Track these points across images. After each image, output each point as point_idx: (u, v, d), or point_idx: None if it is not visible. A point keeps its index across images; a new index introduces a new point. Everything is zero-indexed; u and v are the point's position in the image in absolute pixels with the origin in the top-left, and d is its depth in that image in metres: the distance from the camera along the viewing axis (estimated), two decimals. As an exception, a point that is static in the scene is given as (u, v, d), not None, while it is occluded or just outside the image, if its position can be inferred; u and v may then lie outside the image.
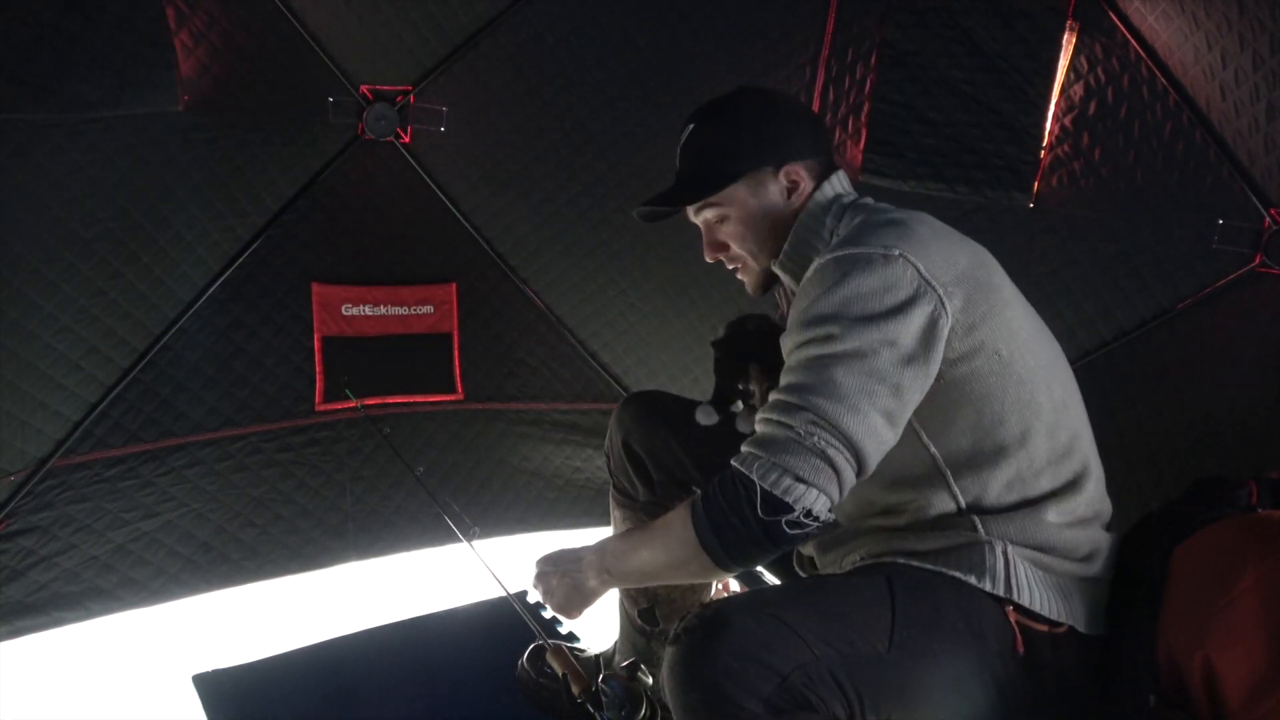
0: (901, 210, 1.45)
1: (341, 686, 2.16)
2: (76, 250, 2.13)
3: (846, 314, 1.27)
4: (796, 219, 1.52)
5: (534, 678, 1.99)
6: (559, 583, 1.51)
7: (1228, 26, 2.01)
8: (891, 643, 1.22)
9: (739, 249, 1.58)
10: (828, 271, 1.32)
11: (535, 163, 2.65)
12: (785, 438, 1.25)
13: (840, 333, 1.26)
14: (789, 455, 1.24)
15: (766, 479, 1.24)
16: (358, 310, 2.62)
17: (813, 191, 1.53)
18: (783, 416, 1.27)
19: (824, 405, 1.24)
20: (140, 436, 2.36)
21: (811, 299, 1.31)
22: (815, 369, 1.27)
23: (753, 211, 1.54)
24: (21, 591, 2.26)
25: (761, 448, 1.27)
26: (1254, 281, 2.20)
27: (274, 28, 2.25)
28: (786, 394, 1.28)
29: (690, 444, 1.76)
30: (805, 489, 1.23)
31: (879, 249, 1.30)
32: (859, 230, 1.38)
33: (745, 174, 1.52)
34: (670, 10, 2.52)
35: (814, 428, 1.24)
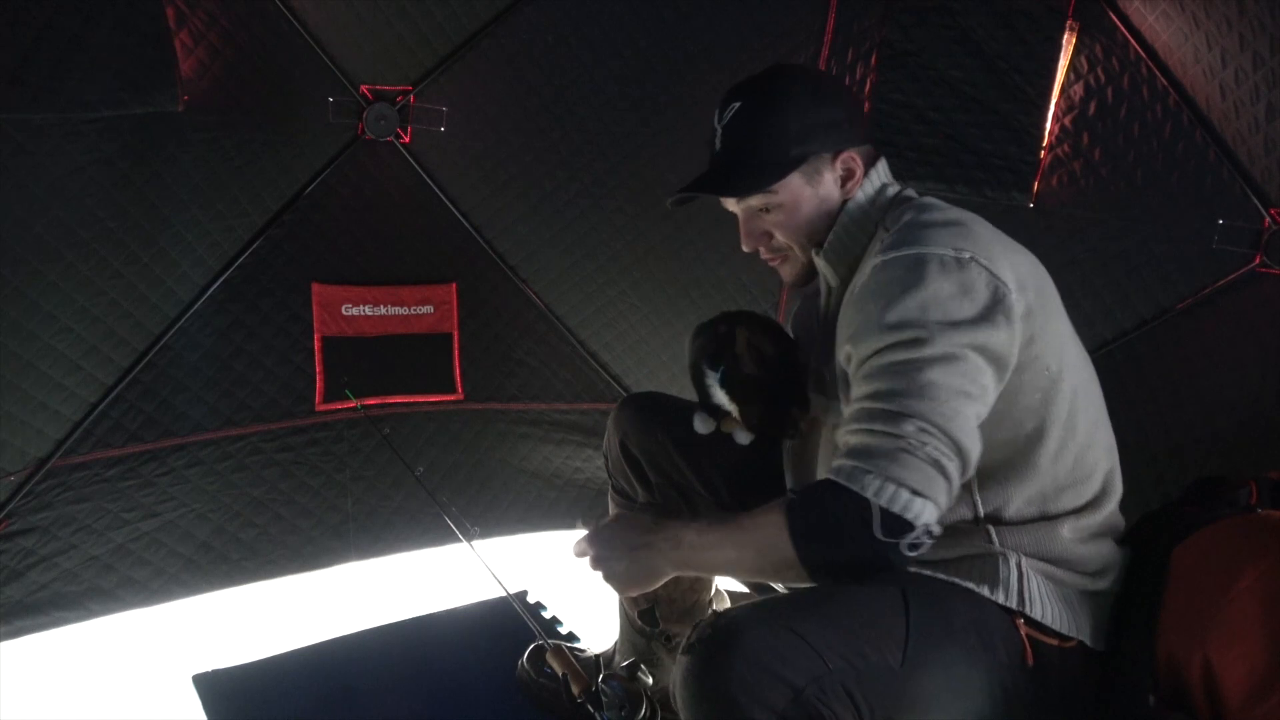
0: (952, 208, 1.40)
1: (341, 686, 2.16)
2: (76, 250, 2.13)
3: (929, 318, 1.22)
4: (843, 208, 1.46)
5: (534, 678, 1.99)
6: (627, 564, 1.40)
7: (1228, 26, 2.01)
8: (905, 656, 1.21)
9: (784, 239, 1.50)
10: (898, 273, 1.27)
11: (535, 163, 2.65)
12: (894, 448, 1.19)
13: (928, 336, 1.21)
14: (902, 468, 1.19)
15: (882, 496, 1.18)
16: (358, 310, 2.62)
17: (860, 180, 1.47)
18: (887, 426, 1.20)
19: (929, 410, 1.19)
20: (140, 436, 2.36)
21: (887, 301, 1.25)
22: (908, 374, 1.21)
23: (806, 200, 1.46)
24: (21, 591, 2.26)
25: (867, 460, 1.20)
26: (1254, 281, 2.20)
27: (274, 28, 2.25)
28: (883, 401, 1.22)
29: (686, 448, 1.76)
30: (923, 503, 1.19)
31: (949, 250, 1.27)
32: (918, 228, 1.33)
33: (805, 161, 1.44)
34: (670, 10, 2.52)
35: (925, 435, 1.19)
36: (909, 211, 1.39)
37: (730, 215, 1.59)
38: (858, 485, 1.20)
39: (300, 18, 2.26)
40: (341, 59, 2.38)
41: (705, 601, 1.94)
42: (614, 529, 1.45)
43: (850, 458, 1.23)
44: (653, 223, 2.74)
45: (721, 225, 2.72)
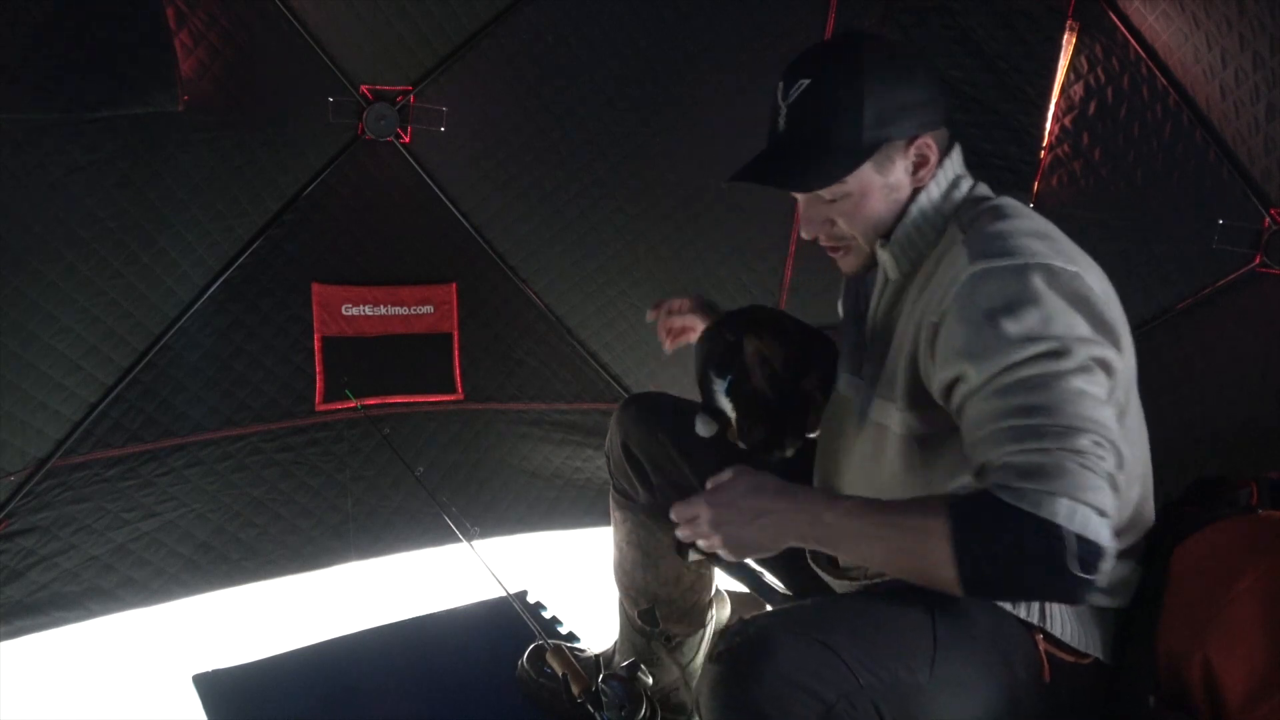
0: (1033, 214, 1.33)
1: (341, 686, 2.16)
2: (76, 250, 2.13)
3: (1056, 330, 1.15)
4: (913, 199, 1.37)
5: (534, 678, 1.99)
6: (755, 531, 1.26)
7: (1228, 26, 2.01)
8: (933, 672, 1.20)
9: (849, 229, 1.40)
10: (1007, 284, 1.19)
11: (535, 163, 2.65)
12: (1075, 465, 1.08)
13: (1064, 348, 1.14)
14: (1087, 488, 1.08)
15: (1074, 521, 1.06)
16: (358, 310, 2.62)
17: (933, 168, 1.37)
18: (1059, 442, 1.09)
19: (1097, 421, 1.11)
20: (140, 436, 2.36)
21: (1007, 314, 1.17)
22: (1058, 386, 1.13)
23: (875, 190, 1.36)
24: (21, 591, 2.26)
25: (1046, 480, 1.08)
26: (1254, 281, 2.20)
27: (274, 28, 2.25)
28: (1041, 416, 1.12)
29: (688, 449, 1.75)
30: (1106, 524, 1.08)
31: (1056, 262, 1.20)
32: (1011, 236, 1.24)
33: (878, 149, 1.33)
34: (670, 10, 2.52)
35: (1100, 449, 1.10)
36: (990, 213, 1.31)
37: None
38: (1046, 511, 1.06)
39: (300, 18, 2.26)
40: (341, 59, 2.38)
41: (705, 602, 1.95)
42: (738, 490, 1.29)
43: (1023, 479, 1.09)
44: (653, 223, 2.74)
45: (722, 225, 2.76)
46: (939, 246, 1.35)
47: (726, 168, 1.52)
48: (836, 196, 1.37)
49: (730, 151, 2.64)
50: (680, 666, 1.94)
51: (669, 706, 1.93)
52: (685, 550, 1.84)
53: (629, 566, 1.89)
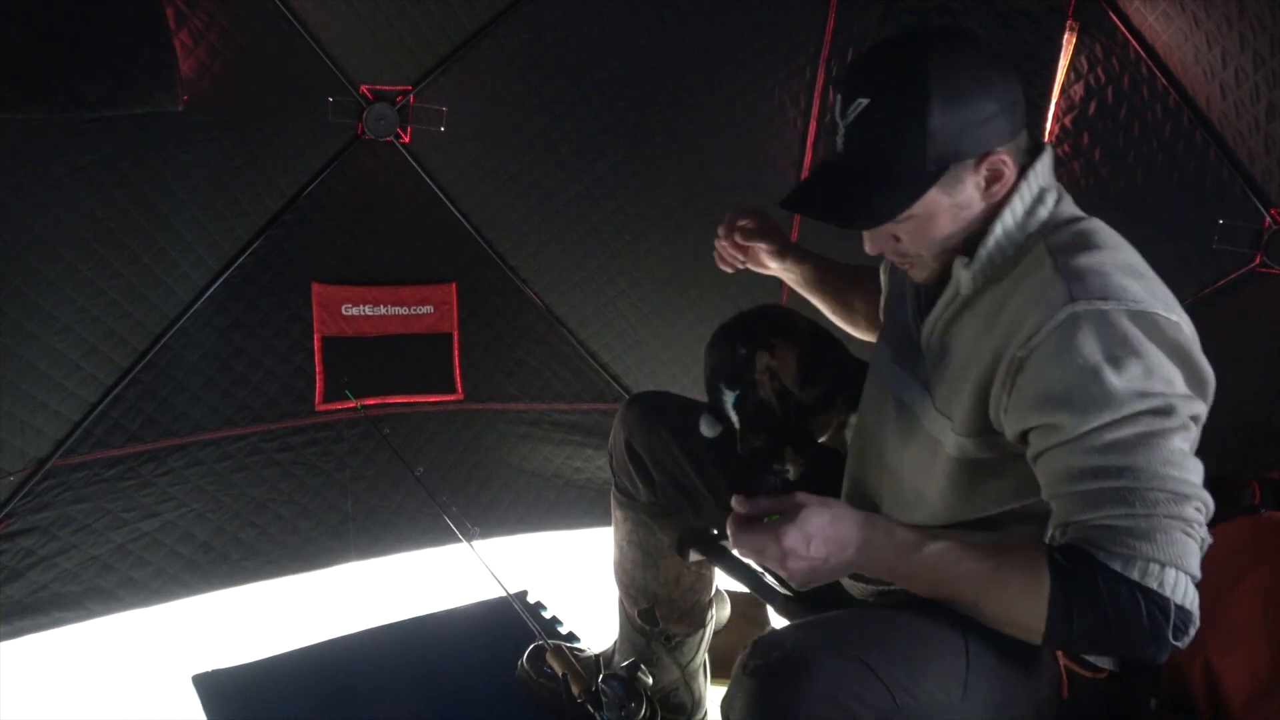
0: (1120, 239, 1.26)
1: (341, 686, 2.16)
2: (76, 250, 2.13)
3: (1157, 386, 1.11)
4: (996, 215, 1.27)
5: (534, 678, 1.99)
6: (827, 561, 1.20)
7: (1228, 26, 2.01)
8: (965, 692, 1.19)
9: (916, 249, 1.32)
10: (1110, 331, 1.12)
11: (535, 163, 2.65)
12: (1182, 535, 1.09)
13: (1165, 407, 1.10)
14: (1191, 558, 1.09)
15: (1177, 590, 1.08)
16: (358, 310, 2.62)
17: (1021, 172, 1.28)
18: (1168, 509, 1.08)
19: (1198, 488, 1.10)
20: (140, 436, 2.36)
21: (1109, 364, 1.11)
22: (1160, 447, 1.10)
23: (943, 211, 1.26)
24: (21, 591, 2.26)
25: (1155, 548, 1.08)
26: (1254, 281, 2.20)
27: (274, 27, 2.25)
28: (1148, 480, 1.09)
29: (691, 449, 1.75)
30: (1195, 590, 1.10)
31: (1160, 309, 1.14)
32: (1109, 274, 1.16)
33: (946, 171, 1.23)
34: (670, 10, 2.52)
35: (1201, 515, 1.10)
36: (1082, 239, 1.23)
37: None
38: (1154, 580, 1.08)
39: (300, 18, 2.26)
40: (341, 59, 2.38)
41: (705, 602, 1.95)
42: (815, 521, 1.20)
43: (1131, 546, 1.09)
44: (653, 223, 2.74)
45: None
46: (1021, 266, 1.26)
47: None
48: (900, 219, 1.28)
49: (730, 152, 2.68)
50: (680, 666, 1.94)
51: (669, 706, 1.93)
52: (685, 550, 1.84)
53: (629, 566, 1.88)
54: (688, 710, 1.96)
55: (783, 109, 2.59)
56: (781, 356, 1.59)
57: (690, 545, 1.83)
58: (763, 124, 2.61)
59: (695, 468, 1.75)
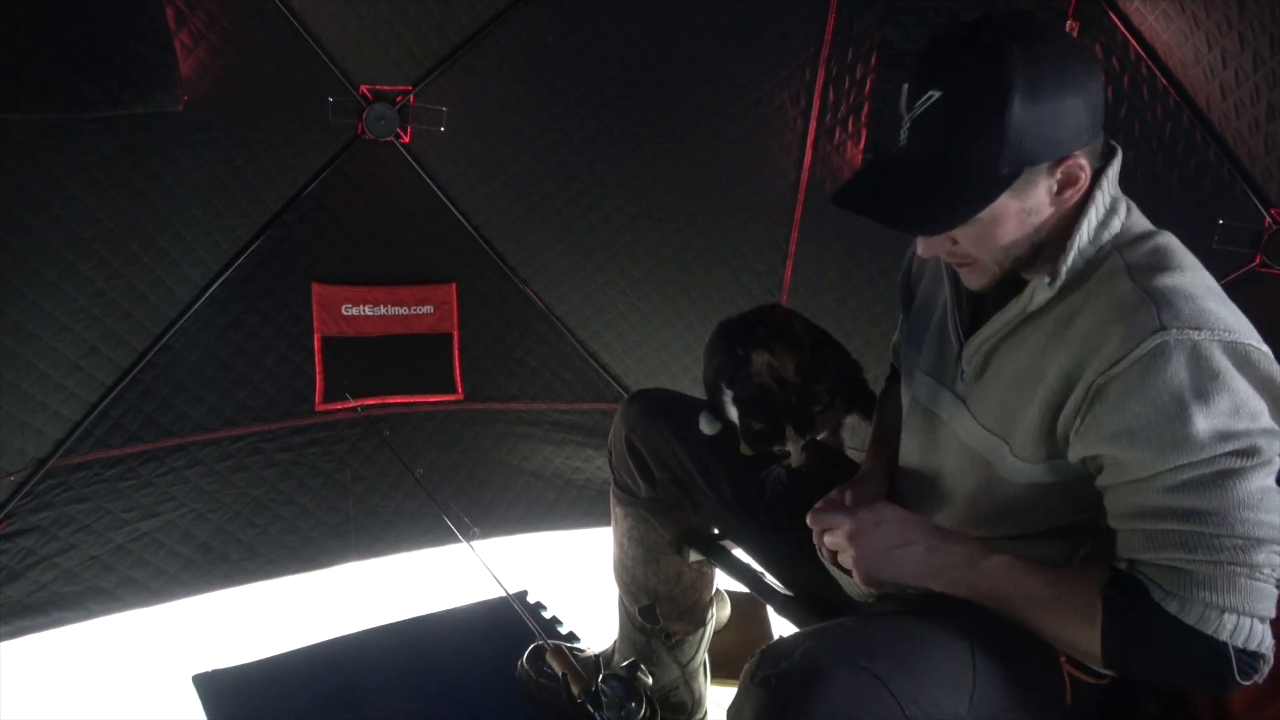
0: (1193, 258, 1.20)
1: (341, 686, 2.16)
2: (76, 250, 2.13)
3: (1242, 425, 1.06)
4: (1071, 227, 1.19)
5: (534, 678, 1.99)
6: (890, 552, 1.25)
7: (1228, 26, 2.01)
8: (971, 703, 1.18)
9: (977, 253, 1.22)
10: (1199, 364, 1.07)
11: (535, 163, 2.65)
12: (1248, 581, 1.06)
13: (1250, 447, 1.06)
14: (1258, 601, 1.06)
15: (1239, 636, 1.06)
16: (358, 310, 2.62)
17: (1094, 179, 1.19)
18: (1235, 557, 1.05)
19: (1274, 527, 1.06)
20: (140, 436, 2.36)
21: (1196, 401, 1.06)
22: (1236, 488, 1.06)
23: (1011, 216, 1.17)
24: (21, 591, 2.26)
25: (1217, 593, 1.06)
26: (1254, 281, 2.20)
27: (274, 28, 2.25)
28: (1217, 525, 1.06)
29: (692, 445, 1.75)
30: (1267, 628, 1.08)
31: (1253, 341, 1.09)
32: (1195, 299, 1.10)
33: (1019, 176, 1.13)
34: (670, 10, 2.52)
35: (1277, 558, 1.07)
36: (1161, 256, 1.17)
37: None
38: (1212, 628, 1.06)
39: (300, 18, 2.26)
40: (341, 59, 2.38)
41: (706, 601, 1.94)
42: (887, 516, 1.27)
43: (1190, 590, 1.07)
44: (653, 223, 2.74)
45: (722, 225, 2.76)
46: (1093, 280, 1.18)
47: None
48: (959, 235, 1.20)
49: (730, 151, 2.69)
50: (680, 665, 1.94)
51: (669, 706, 1.93)
52: (685, 550, 1.84)
53: (629, 563, 1.88)
54: (688, 709, 1.96)
55: (783, 109, 2.59)
56: (780, 357, 1.59)
57: (690, 545, 1.84)
58: (763, 124, 2.61)
59: (696, 465, 1.75)
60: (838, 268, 2.70)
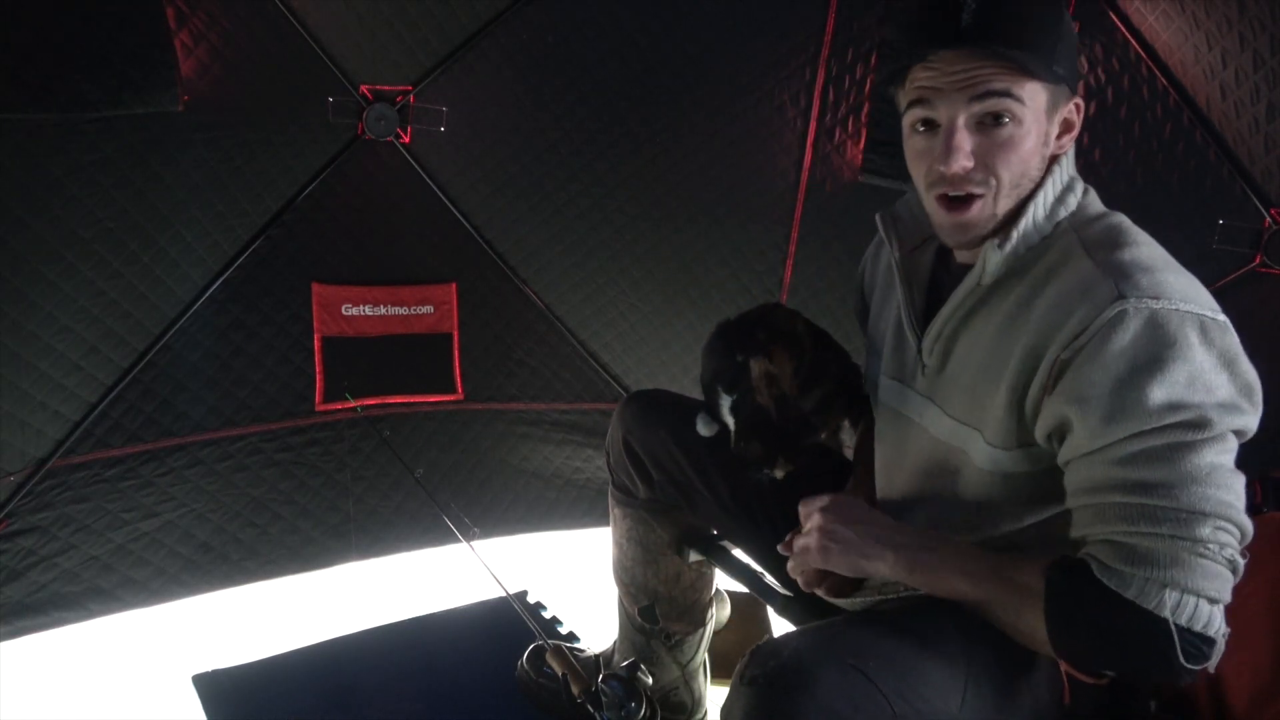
0: (1148, 237, 1.22)
1: (341, 686, 2.16)
2: (76, 250, 2.13)
3: (1198, 396, 1.06)
4: (1039, 185, 1.21)
5: (534, 678, 1.99)
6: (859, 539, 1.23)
7: (1228, 26, 2.01)
8: (963, 701, 1.18)
9: (1000, 167, 1.19)
10: (1156, 334, 1.07)
11: (535, 163, 2.65)
12: (1190, 554, 1.04)
13: (1204, 418, 1.05)
14: (1201, 577, 1.04)
15: (1182, 613, 1.03)
16: (358, 310, 2.62)
17: (1048, 165, 1.23)
18: (1177, 529, 1.04)
19: (1222, 503, 1.05)
20: (140, 436, 2.36)
21: (1150, 370, 1.06)
22: (1186, 460, 1.05)
23: (1038, 132, 1.19)
24: (21, 591, 2.26)
25: (1156, 569, 1.04)
26: (1254, 281, 2.20)
27: (274, 28, 2.25)
28: (1162, 497, 1.05)
29: (689, 447, 1.75)
30: (1218, 610, 1.05)
31: (1208, 311, 1.10)
32: (1154, 271, 1.11)
33: (1058, 84, 1.18)
34: (670, 10, 2.52)
35: (1222, 534, 1.05)
36: (1118, 233, 1.19)
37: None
38: (1151, 602, 1.04)
39: (300, 18, 2.26)
40: (341, 59, 2.38)
41: (705, 601, 1.94)
42: (854, 504, 1.28)
43: (1131, 564, 1.05)
44: (653, 223, 2.74)
45: (722, 225, 2.76)
46: (1049, 258, 1.20)
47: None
48: (1006, 117, 1.17)
49: (730, 152, 2.68)
50: (680, 665, 1.94)
51: (669, 706, 1.93)
52: (685, 550, 1.84)
53: (628, 563, 1.88)
54: (687, 709, 1.96)
55: (783, 109, 2.59)
56: (779, 363, 1.58)
57: (689, 545, 1.84)
58: (763, 124, 2.61)
59: (693, 466, 1.75)
60: (838, 268, 2.70)
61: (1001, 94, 1.16)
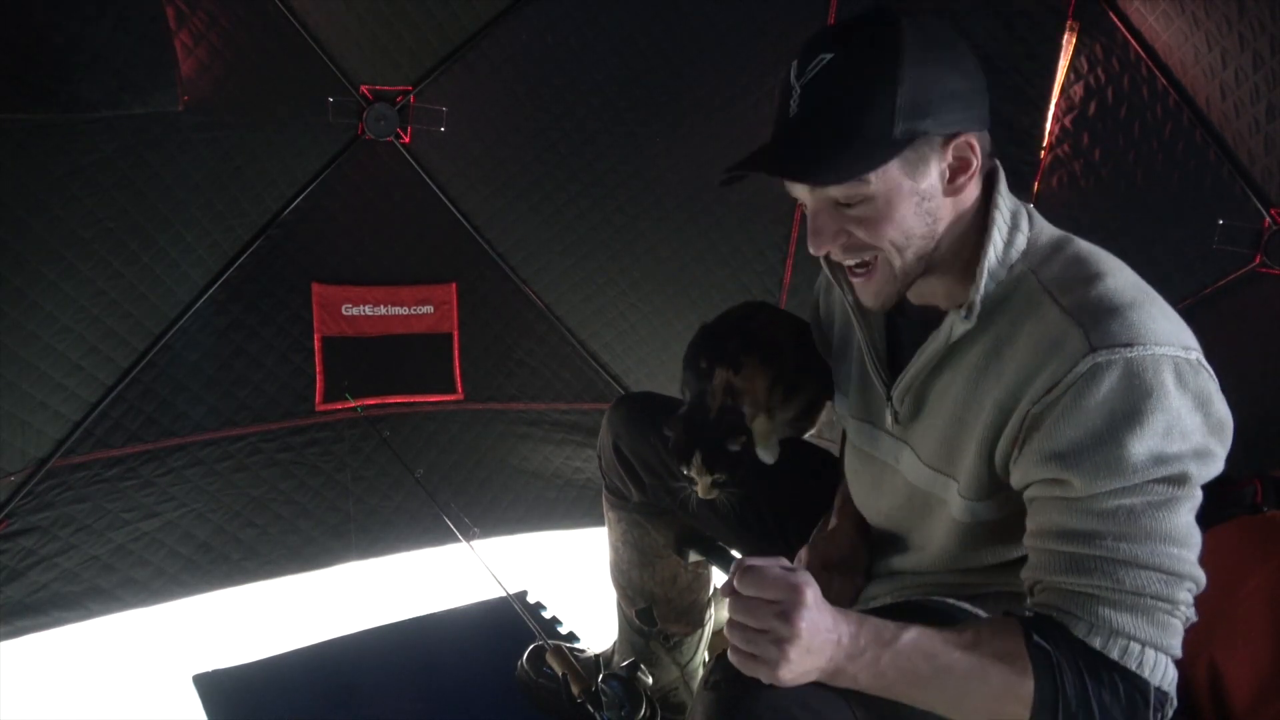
0: (1109, 256, 1.16)
1: (341, 686, 2.16)
2: (76, 250, 2.13)
3: (1174, 447, 1.03)
4: (975, 246, 1.16)
5: (534, 678, 1.99)
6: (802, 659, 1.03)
7: (1228, 26, 2.01)
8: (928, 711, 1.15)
9: (873, 241, 1.15)
10: (1136, 382, 1.03)
11: (535, 163, 2.65)
12: (1169, 619, 1.05)
13: (1180, 475, 1.04)
14: (1173, 637, 1.05)
15: (1157, 674, 1.04)
16: (358, 310, 2.62)
17: (986, 192, 1.18)
18: (1159, 591, 1.03)
19: (1193, 564, 1.05)
20: (140, 436, 2.36)
21: (1128, 424, 1.03)
22: (1166, 522, 1.04)
23: (905, 196, 1.12)
24: (21, 591, 2.26)
25: (1143, 632, 1.04)
26: (1254, 281, 2.20)
27: (274, 28, 2.25)
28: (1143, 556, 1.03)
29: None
30: (1174, 669, 1.06)
31: (1180, 351, 1.05)
32: (1120, 308, 1.06)
33: (911, 143, 1.09)
34: (670, 10, 2.52)
35: (1191, 595, 1.05)
36: (1075, 265, 1.13)
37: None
38: (1135, 663, 1.04)
39: (300, 18, 2.26)
40: (341, 59, 2.38)
41: (703, 601, 1.94)
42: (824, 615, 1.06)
43: (1108, 620, 1.04)
44: (653, 223, 2.74)
45: (722, 225, 2.76)
46: (1012, 305, 1.15)
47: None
48: (854, 200, 1.13)
49: (731, 152, 2.67)
50: (679, 666, 1.94)
51: (669, 706, 1.92)
52: (685, 551, 1.84)
53: (625, 566, 1.88)
54: (688, 710, 1.96)
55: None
56: (748, 377, 1.54)
57: (689, 546, 1.84)
58: (763, 124, 2.58)
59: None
60: (837, 268, 2.70)
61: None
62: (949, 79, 1.11)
